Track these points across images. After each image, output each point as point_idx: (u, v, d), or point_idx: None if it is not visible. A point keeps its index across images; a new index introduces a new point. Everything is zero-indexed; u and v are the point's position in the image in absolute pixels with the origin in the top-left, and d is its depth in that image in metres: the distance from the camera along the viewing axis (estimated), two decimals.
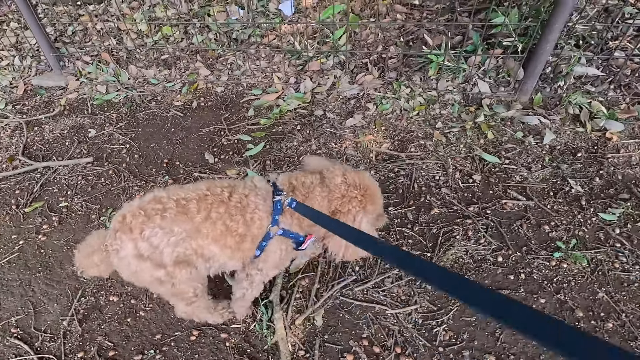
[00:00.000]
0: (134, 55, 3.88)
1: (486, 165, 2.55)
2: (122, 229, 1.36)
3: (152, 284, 1.47)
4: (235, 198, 1.43)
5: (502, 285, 1.94)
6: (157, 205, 1.37)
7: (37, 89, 3.83)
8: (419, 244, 2.13)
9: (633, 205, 2.25)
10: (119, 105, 3.47)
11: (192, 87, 3.58)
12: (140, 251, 1.36)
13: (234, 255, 1.47)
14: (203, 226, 1.38)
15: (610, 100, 2.90)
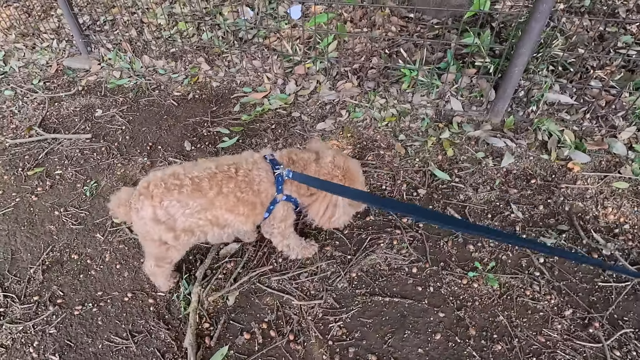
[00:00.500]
0: (149, 47, 4.26)
1: (436, 180, 2.60)
2: (145, 194, 1.62)
3: (154, 241, 1.72)
4: (242, 173, 1.68)
5: (407, 294, 2.02)
6: (175, 181, 1.62)
7: (66, 69, 4.33)
8: (344, 246, 2.25)
9: (568, 237, 2.22)
10: (127, 90, 3.85)
11: (193, 80, 3.88)
12: (157, 216, 1.62)
13: (247, 220, 1.76)
14: (216, 200, 1.64)
15: (585, 130, 2.82)
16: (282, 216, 1.88)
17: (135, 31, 4.39)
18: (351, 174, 1.83)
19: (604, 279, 2.04)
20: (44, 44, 4.72)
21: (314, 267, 2.15)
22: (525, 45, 2.53)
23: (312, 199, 1.84)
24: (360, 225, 2.36)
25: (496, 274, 2.07)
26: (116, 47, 4.29)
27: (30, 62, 4.55)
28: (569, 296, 1.97)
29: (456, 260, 2.16)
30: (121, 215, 1.75)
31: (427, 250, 2.20)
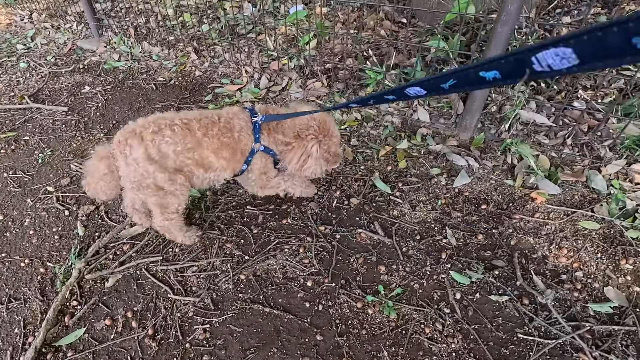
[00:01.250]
0: (151, 34, 4.38)
1: (374, 192, 2.33)
2: (132, 137, 1.64)
3: (150, 188, 1.71)
4: (223, 120, 1.77)
5: (291, 308, 1.78)
6: (165, 121, 1.69)
7: (78, 49, 4.57)
8: (247, 246, 2.06)
9: (500, 275, 1.86)
10: (119, 72, 3.97)
11: (180, 68, 3.92)
12: (150, 155, 1.65)
13: (228, 165, 1.81)
14: (203, 140, 1.71)
15: (565, 158, 2.41)
16: (261, 168, 1.93)
17: (143, 19, 4.55)
18: (326, 127, 1.89)
19: (527, 330, 1.66)
20: (67, 25, 5.05)
21: (206, 263, 1.98)
22: (492, 51, 2.21)
23: (288, 148, 1.89)
24: (273, 227, 2.16)
25: (398, 303, 1.77)
26: (121, 32, 4.47)
27: (51, 40, 4.87)
28: (475, 343, 1.63)
29: (361, 280, 1.88)
30: (103, 168, 1.69)
31: (333, 264, 1.95)
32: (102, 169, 1.69)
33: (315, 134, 1.86)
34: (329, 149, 1.93)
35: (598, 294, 1.78)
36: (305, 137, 1.86)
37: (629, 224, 2.04)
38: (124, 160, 1.66)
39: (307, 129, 1.85)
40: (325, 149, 1.91)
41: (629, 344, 1.59)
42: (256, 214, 2.23)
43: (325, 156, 1.94)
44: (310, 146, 1.85)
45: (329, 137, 1.90)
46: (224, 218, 2.22)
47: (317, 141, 1.86)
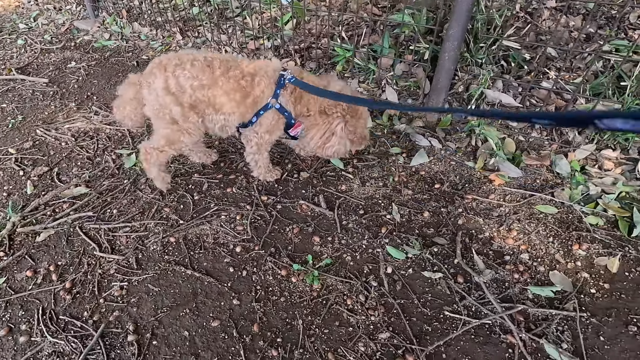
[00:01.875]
0: (143, 16, 4.42)
1: (327, 167, 2.25)
2: (158, 67, 1.69)
3: (166, 119, 1.74)
4: (251, 66, 1.74)
5: (214, 272, 1.71)
6: (189, 56, 1.70)
7: (74, 29, 4.67)
8: (186, 211, 2.00)
9: (439, 252, 1.74)
10: (107, 50, 4.02)
11: (165, 48, 3.94)
12: (169, 86, 1.67)
13: (237, 108, 1.75)
14: (220, 79, 1.68)
15: (533, 142, 2.27)
16: (269, 127, 1.84)
17: (138, 1, 4.61)
18: (355, 107, 1.83)
19: (456, 309, 1.54)
20: (67, 7, 5.17)
21: (139, 224, 1.94)
22: (454, 26, 2.10)
23: (310, 120, 1.84)
24: (216, 195, 2.10)
25: (325, 274, 1.68)
26: (114, 13, 4.54)
27: (52, 20, 5.00)
28: (397, 318, 1.52)
29: (292, 249, 1.80)
30: (130, 93, 1.77)
31: (267, 232, 1.87)
32: (129, 94, 1.77)
33: (342, 113, 1.81)
34: (355, 130, 1.88)
35: (542, 277, 1.64)
36: (331, 114, 1.81)
37: (590, 210, 1.89)
38: (147, 89, 1.71)
39: (334, 106, 1.80)
40: (351, 129, 1.86)
41: (564, 330, 1.45)
42: (202, 181, 2.18)
43: (351, 137, 1.89)
44: (335, 124, 1.80)
45: (357, 117, 1.85)
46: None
47: (343, 120, 1.81)
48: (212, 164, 2.30)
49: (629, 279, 1.62)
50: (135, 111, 1.81)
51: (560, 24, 2.54)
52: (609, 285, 1.59)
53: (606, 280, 1.61)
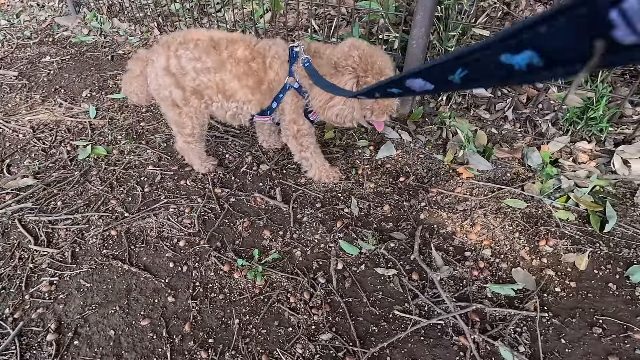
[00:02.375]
0: (124, 12, 4.35)
1: (288, 159, 2.13)
2: (162, 45, 1.58)
3: (167, 101, 1.64)
4: (260, 45, 1.56)
5: (153, 268, 1.59)
6: (194, 35, 1.55)
7: (55, 25, 4.59)
8: (134, 204, 1.88)
9: (393, 248, 1.61)
10: (84, 45, 3.93)
11: (143, 43, 3.85)
12: (169, 66, 1.54)
13: (253, 96, 1.58)
14: (228, 62, 1.51)
15: (506, 135, 2.15)
16: (291, 110, 1.65)
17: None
18: (372, 61, 1.43)
19: (407, 308, 1.41)
20: (50, 3, 5.11)
21: (81, 217, 1.82)
22: (420, 11, 1.99)
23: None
24: (168, 188, 1.98)
25: (270, 269, 1.55)
26: (95, 9, 4.47)
27: (34, 17, 4.93)
28: (342, 317, 1.39)
29: (240, 243, 1.68)
30: (136, 69, 1.67)
31: (216, 226, 1.75)
32: (136, 70, 1.67)
33: (353, 67, 1.43)
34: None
35: (504, 275, 1.51)
36: (341, 69, 1.45)
37: (561, 204, 1.77)
38: (150, 67, 1.60)
39: (345, 59, 1.44)
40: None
41: (523, 332, 1.32)
42: (156, 173, 2.07)
43: (368, 101, 1.54)
44: (343, 80, 1.43)
45: (374, 74, 1.43)
46: (121, 176, 2.06)
47: (354, 76, 1.43)
48: (170, 156, 2.19)
49: (597, 277, 1.48)
50: (141, 88, 1.69)
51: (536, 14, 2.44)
52: (575, 283, 1.46)
53: (573, 278, 1.48)
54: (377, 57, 1.45)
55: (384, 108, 1.56)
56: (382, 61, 1.45)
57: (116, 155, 2.22)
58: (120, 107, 2.73)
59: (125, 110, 2.70)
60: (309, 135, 1.76)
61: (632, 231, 1.64)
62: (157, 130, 2.43)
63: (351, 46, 1.46)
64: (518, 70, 0.39)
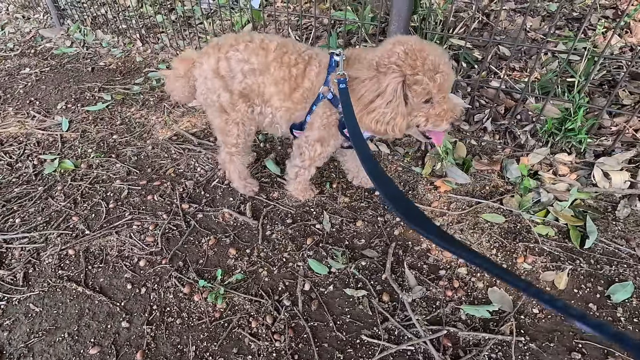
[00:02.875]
0: (108, 23, 4.31)
1: (262, 172, 2.05)
2: (213, 47, 1.50)
3: (214, 106, 1.56)
4: (308, 52, 1.45)
5: (109, 290, 1.49)
6: (246, 37, 1.48)
7: (38, 37, 4.54)
8: (96, 220, 1.79)
9: (364, 267, 1.53)
10: (65, 57, 3.87)
11: (126, 55, 3.80)
12: (219, 68, 1.47)
13: (284, 103, 1.47)
14: (272, 65, 1.42)
15: (485, 147, 2.09)
16: (321, 126, 1.47)
17: (105, 10, 4.50)
18: (422, 56, 1.20)
19: (376, 332, 1.32)
20: (35, 16, 5.07)
21: (39, 235, 1.73)
22: (395, 21, 1.95)
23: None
24: (134, 203, 1.89)
25: (233, 291, 1.46)
26: (79, 21, 4.43)
27: (19, 29, 4.88)
28: (306, 343, 1.29)
29: (203, 263, 1.58)
30: (180, 69, 1.58)
31: (180, 244, 1.66)
32: (179, 70, 1.59)
33: (398, 64, 1.21)
34: (425, 91, 1.22)
35: (479, 295, 1.43)
36: (384, 68, 1.24)
37: (540, 219, 1.70)
38: (198, 69, 1.52)
39: (388, 57, 1.23)
40: (418, 91, 1.22)
41: (498, 357, 1.23)
42: (123, 188, 1.98)
43: (419, 105, 1.26)
44: (386, 81, 1.21)
45: (426, 71, 1.20)
46: (86, 191, 1.97)
47: (399, 74, 1.21)
48: (139, 170, 2.11)
49: (577, 296, 1.41)
50: (183, 88, 1.62)
51: (516, 24, 2.41)
52: None
53: None
54: (428, 51, 1.21)
55: (443, 113, 1.28)
56: (435, 55, 1.21)
57: (84, 169, 2.13)
58: (94, 120, 2.66)
59: (99, 122, 2.62)
60: (324, 160, 1.64)
61: (614, 247, 1.57)
62: (129, 143, 2.35)
63: (396, 42, 1.25)
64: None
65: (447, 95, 1.27)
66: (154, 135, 2.43)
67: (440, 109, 1.28)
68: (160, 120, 2.58)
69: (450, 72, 1.25)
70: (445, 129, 1.34)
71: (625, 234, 1.62)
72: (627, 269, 1.48)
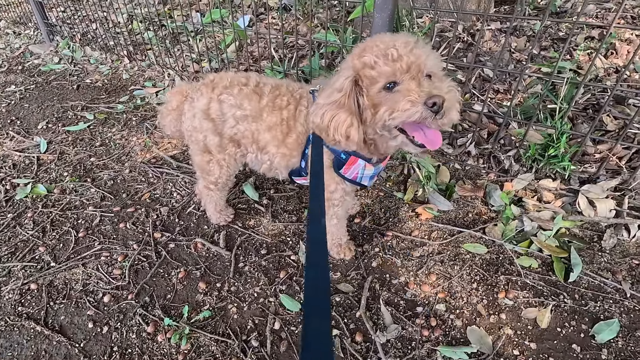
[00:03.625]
0: (97, 40, 4.29)
1: (240, 198, 1.99)
2: (207, 85, 1.44)
3: (198, 145, 1.51)
4: (301, 91, 1.37)
5: (69, 330, 1.41)
6: (241, 79, 1.42)
7: (27, 53, 4.52)
8: (64, 251, 1.72)
9: (339, 303, 1.46)
10: (53, 74, 3.84)
11: (113, 71, 3.77)
12: (210, 110, 1.41)
13: (279, 148, 1.39)
14: (264, 110, 1.36)
15: (469, 171, 2.04)
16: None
17: (95, 26, 4.49)
18: (375, 42, 1.05)
19: None
20: (26, 31, 5.06)
21: (1, 267, 1.65)
22: None
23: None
24: (105, 232, 1.82)
25: (199, 330, 1.39)
26: (68, 37, 4.41)
27: (9, 45, 4.86)
28: None
29: (171, 298, 1.51)
30: (173, 102, 1.54)
31: (148, 277, 1.59)
32: (173, 103, 1.55)
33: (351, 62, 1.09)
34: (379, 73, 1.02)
35: (457, 334, 1.36)
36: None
37: (523, 250, 1.63)
38: (189, 104, 1.48)
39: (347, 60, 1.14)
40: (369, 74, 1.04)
41: None
42: (95, 215, 1.91)
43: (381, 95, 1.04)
44: (331, 82, 1.12)
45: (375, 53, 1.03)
46: (57, 218, 1.91)
47: (350, 70, 1.08)
48: (114, 195, 2.05)
49: (560, 336, 1.34)
50: (174, 122, 1.57)
51: (501, 45, 2.38)
52: (535, 344, 1.31)
53: (533, 337, 1.33)
54: (383, 37, 1.05)
55: (408, 92, 0.97)
56: (389, 38, 1.04)
57: (57, 194, 2.07)
58: (74, 140, 2.60)
59: (79, 143, 2.57)
60: (339, 206, 1.45)
61: (599, 280, 1.50)
62: (107, 166, 2.30)
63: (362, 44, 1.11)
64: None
65: (421, 78, 1.01)
66: (133, 157, 2.37)
67: (405, 90, 0.98)
68: (141, 141, 2.53)
69: (420, 50, 1.01)
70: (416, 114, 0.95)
71: (611, 266, 1.56)
72: (612, 305, 1.42)
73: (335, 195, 1.41)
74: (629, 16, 2.85)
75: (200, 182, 1.71)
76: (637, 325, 1.35)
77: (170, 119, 1.57)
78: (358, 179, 1.33)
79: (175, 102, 1.54)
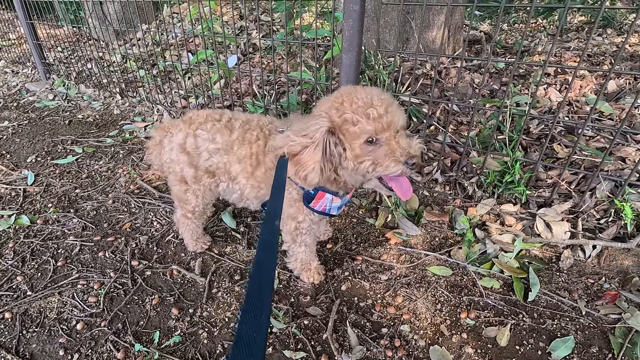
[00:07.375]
0: (91, 78, 4.48)
1: (218, 226, 2.06)
2: (185, 121, 1.56)
3: (176, 177, 1.60)
4: (271, 126, 1.46)
5: (40, 357, 1.42)
6: (215, 115, 1.53)
7: (23, 90, 4.68)
8: (42, 280, 1.75)
9: (307, 326, 1.49)
10: (46, 110, 3.97)
11: (105, 108, 3.91)
12: (185, 144, 1.52)
13: (249, 180, 1.48)
14: (235, 143, 1.46)
15: (437, 197, 2.14)
16: (287, 204, 1.44)
17: (90, 65, 4.70)
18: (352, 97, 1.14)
19: None
20: (24, 70, 5.26)
21: None
22: (344, 81, 2.07)
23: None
24: (83, 261, 1.86)
25: (168, 356, 1.40)
26: (63, 76, 4.59)
27: (6, 83, 5.04)
28: None
29: (144, 324, 1.53)
30: (157, 138, 1.65)
31: (122, 304, 1.62)
32: (156, 139, 1.65)
33: (327, 112, 1.16)
34: (361, 130, 1.11)
35: (420, 354, 1.39)
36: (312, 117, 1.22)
37: (486, 271, 1.70)
38: (168, 139, 1.58)
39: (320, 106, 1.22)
40: (351, 130, 1.12)
41: None
42: (75, 245, 1.95)
43: (362, 148, 1.13)
44: (310, 123, 1.17)
45: (355, 109, 1.12)
46: (37, 248, 1.94)
47: (326, 121, 1.14)
48: (95, 225, 2.10)
49: (519, 354, 1.38)
50: (158, 156, 1.66)
51: (465, 81, 2.56)
52: None
53: (493, 356, 1.37)
54: (360, 92, 1.15)
55: (390, 152, 1.10)
56: (367, 94, 1.13)
57: (39, 225, 2.11)
58: (61, 173, 2.68)
59: (65, 176, 2.64)
60: (307, 234, 1.54)
61: (557, 299, 1.56)
62: (91, 197, 2.36)
63: (332, 94, 1.21)
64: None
65: (397, 134, 1.13)
66: (117, 188, 2.44)
67: (388, 148, 1.11)
68: (126, 173, 2.61)
69: (394, 110, 1.12)
70: (398, 171, 1.11)
71: (568, 285, 1.63)
72: (569, 323, 1.47)
73: (304, 225, 1.51)
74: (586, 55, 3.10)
75: (178, 211, 1.79)
76: (591, 342, 1.40)
77: (155, 154, 1.68)
78: (327, 210, 1.41)
79: (158, 138, 1.65)
